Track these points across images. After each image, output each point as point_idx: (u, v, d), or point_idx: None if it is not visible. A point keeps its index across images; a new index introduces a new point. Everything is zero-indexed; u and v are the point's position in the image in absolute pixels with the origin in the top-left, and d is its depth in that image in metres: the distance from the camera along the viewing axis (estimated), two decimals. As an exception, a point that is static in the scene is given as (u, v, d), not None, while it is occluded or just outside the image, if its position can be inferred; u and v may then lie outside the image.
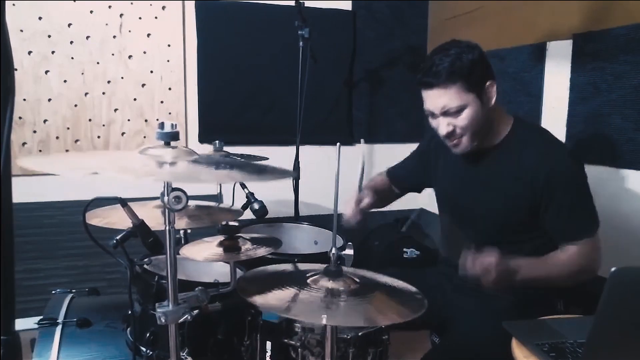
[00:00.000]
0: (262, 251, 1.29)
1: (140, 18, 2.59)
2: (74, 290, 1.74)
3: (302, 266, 1.26)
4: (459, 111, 1.40)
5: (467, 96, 1.38)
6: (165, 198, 1.00)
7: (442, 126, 1.44)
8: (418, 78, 1.44)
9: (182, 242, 1.56)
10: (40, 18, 2.42)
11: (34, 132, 2.48)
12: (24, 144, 2.47)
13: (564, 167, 1.41)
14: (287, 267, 1.27)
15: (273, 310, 1.01)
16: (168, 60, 2.67)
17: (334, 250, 1.15)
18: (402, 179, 1.85)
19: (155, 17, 2.62)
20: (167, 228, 1.06)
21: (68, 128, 2.54)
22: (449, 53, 1.38)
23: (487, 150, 1.51)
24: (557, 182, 1.39)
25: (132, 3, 2.57)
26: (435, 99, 1.41)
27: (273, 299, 1.04)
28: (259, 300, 1.03)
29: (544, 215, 1.43)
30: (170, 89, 2.70)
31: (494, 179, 1.50)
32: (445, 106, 1.40)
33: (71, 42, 2.49)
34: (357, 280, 1.15)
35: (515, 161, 1.45)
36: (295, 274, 1.22)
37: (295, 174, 2.47)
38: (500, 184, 1.49)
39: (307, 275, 1.14)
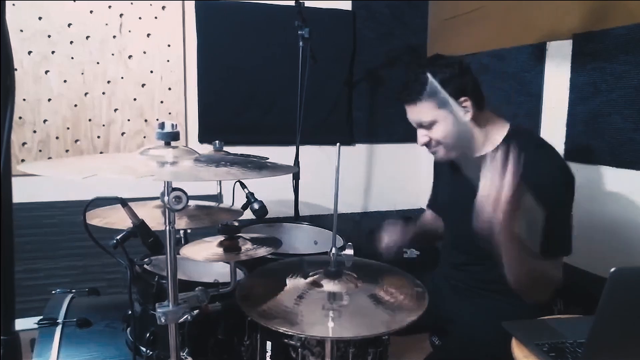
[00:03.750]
0: (262, 251, 1.29)
1: (140, 18, 2.59)
2: (74, 290, 1.74)
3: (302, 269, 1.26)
4: (430, 125, 1.48)
5: (437, 112, 1.45)
6: (165, 198, 1.01)
7: (419, 137, 1.54)
8: (397, 92, 1.54)
9: (182, 242, 1.56)
10: (40, 18, 2.42)
11: (34, 132, 2.48)
12: (24, 144, 2.47)
13: (554, 183, 1.38)
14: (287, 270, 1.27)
15: (277, 326, 1.00)
16: (168, 60, 2.67)
17: (334, 250, 1.15)
18: (435, 204, 1.82)
19: (155, 17, 2.62)
20: (167, 228, 1.06)
21: (68, 128, 2.54)
22: (424, 71, 1.44)
23: (477, 160, 1.51)
24: (543, 197, 1.35)
25: (132, 3, 2.57)
26: (410, 113, 1.52)
27: (275, 311, 1.03)
28: (261, 316, 1.03)
29: None
30: (170, 89, 2.70)
31: None
32: (418, 120, 1.50)
33: (71, 42, 2.49)
34: (356, 276, 1.15)
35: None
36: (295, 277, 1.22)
37: (295, 168, 2.47)
38: None
39: (307, 277, 1.15)
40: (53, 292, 1.74)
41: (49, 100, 2.49)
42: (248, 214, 1.80)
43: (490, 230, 1.22)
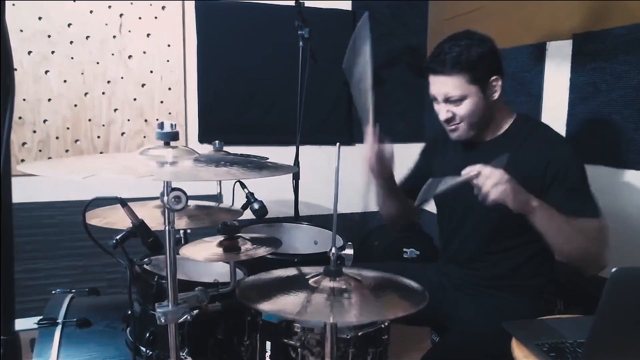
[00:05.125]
0: (262, 251, 1.28)
1: (140, 18, 2.59)
2: (74, 290, 1.74)
3: (302, 269, 1.26)
4: (460, 100, 1.44)
5: (469, 87, 1.43)
6: (165, 198, 1.00)
7: (442, 112, 1.49)
8: (426, 62, 1.49)
9: (182, 242, 1.56)
10: (40, 18, 2.42)
11: (34, 132, 2.48)
12: (24, 144, 2.47)
13: (565, 156, 1.41)
14: (287, 271, 1.27)
15: (280, 314, 1.00)
16: (168, 60, 2.67)
17: (333, 250, 1.15)
18: (410, 185, 1.74)
19: (155, 17, 2.62)
20: (167, 228, 1.06)
21: (68, 128, 2.54)
22: (459, 43, 1.42)
23: (487, 143, 1.52)
24: (557, 169, 1.39)
25: (132, 3, 2.57)
26: (439, 86, 1.46)
27: (277, 304, 1.03)
28: (263, 306, 1.03)
29: (546, 199, 1.39)
30: (170, 89, 2.70)
31: None
32: (447, 93, 1.45)
33: (71, 42, 2.49)
34: (358, 277, 1.15)
35: (515, 154, 1.45)
36: (295, 277, 1.22)
37: (295, 168, 2.47)
38: None
39: (308, 277, 1.14)
40: (53, 292, 1.74)
41: (49, 100, 2.49)
42: (248, 214, 1.80)
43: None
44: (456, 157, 1.61)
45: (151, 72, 2.65)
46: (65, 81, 2.51)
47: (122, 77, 2.60)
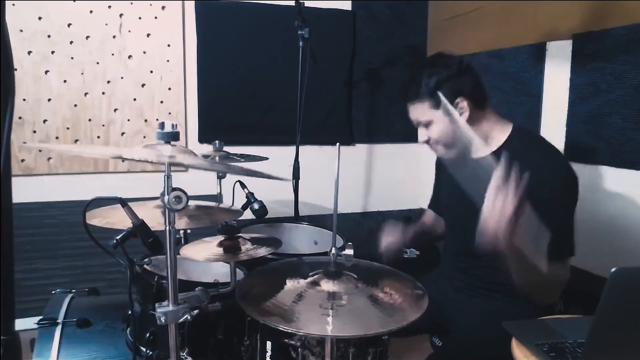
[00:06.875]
0: (262, 251, 1.29)
1: (140, 18, 2.60)
2: (74, 290, 1.74)
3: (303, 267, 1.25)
4: (427, 124, 1.50)
5: (432, 113, 1.47)
6: (165, 198, 1.00)
7: (419, 135, 1.56)
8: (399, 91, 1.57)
9: (182, 242, 1.56)
10: (40, 18, 2.42)
11: (34, 132, 2.48)
12: (24, 144, 2.47)
13: (558, 185, 1.38)
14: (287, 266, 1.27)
15: (276, 323, 1.00)
16: (168, 60, 2.67)
17: (334, 250, 1.15)
18: (437, 205, 1.84)
19: (155, 17, 2.62)
20: (167, 228, 1.06)
21: (68, 128, 2.54)
22: (421, 72, 1.49)
23: (481, 158, 1.50)
24: (547, 199, 1.33)
25: (132, 3, 2.57)
26: (411, 112, 1.55)
27: (274, 309, 1.03)
28: (260, 314, 1.03)
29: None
30: (170, 89, 2.70)
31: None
32: (417, 119, 1.53)
33: (71, 42, 2.49)
34: (356, 277, 1.15)
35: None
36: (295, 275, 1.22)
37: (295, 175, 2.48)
38: None
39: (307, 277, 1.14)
40: (53, 292, 1.74)
41: (49, 100, 2.49)
42: (248, 214, 1.80)
43: (494, 247, 1.21)
44: (450, 176, 1.60)
45: (151, 72, 2.65)
46: (65, 81, 2.51)
47: (122, 77, 2.60)
